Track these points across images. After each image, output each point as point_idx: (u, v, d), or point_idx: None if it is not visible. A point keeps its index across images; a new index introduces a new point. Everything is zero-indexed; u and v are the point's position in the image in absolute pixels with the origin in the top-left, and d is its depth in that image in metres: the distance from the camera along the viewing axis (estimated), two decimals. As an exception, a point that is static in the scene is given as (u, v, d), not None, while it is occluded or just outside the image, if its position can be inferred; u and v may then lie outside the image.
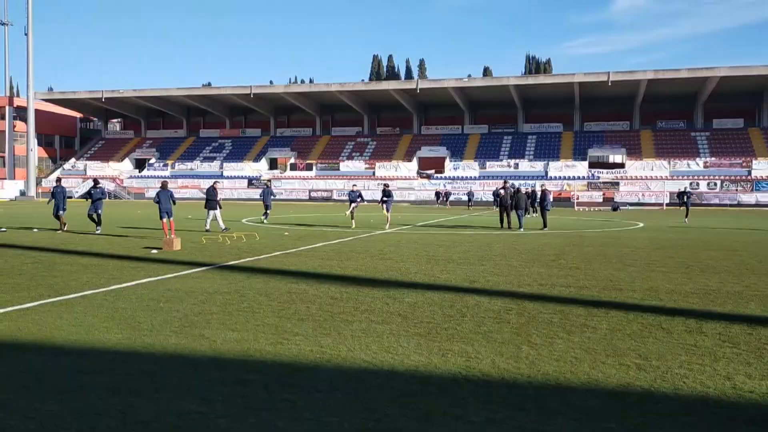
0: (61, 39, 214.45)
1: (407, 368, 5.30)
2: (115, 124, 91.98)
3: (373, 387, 4.81)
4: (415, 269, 11.63)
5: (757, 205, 55.51)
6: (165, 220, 17.38)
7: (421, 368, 5.29)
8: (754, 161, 60.37)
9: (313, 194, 67.17)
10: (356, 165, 71.29)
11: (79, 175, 74.62)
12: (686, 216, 28.74)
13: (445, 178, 66.59)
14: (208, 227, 20.65)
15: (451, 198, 58.85)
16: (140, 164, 79.56)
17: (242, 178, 71.37)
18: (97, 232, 19.58)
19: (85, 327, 6.69)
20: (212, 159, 76.86)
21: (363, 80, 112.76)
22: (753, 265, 12.42)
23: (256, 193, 56.60)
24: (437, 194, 58.98)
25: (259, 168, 73.88)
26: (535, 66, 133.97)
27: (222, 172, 72.57)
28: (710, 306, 8.18)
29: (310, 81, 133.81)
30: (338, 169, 71.04)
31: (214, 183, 22.33)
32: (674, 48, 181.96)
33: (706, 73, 60.90)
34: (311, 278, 10.36)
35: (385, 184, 24.95)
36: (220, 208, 21.16)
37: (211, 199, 20.96)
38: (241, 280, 10.04)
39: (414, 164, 70.15)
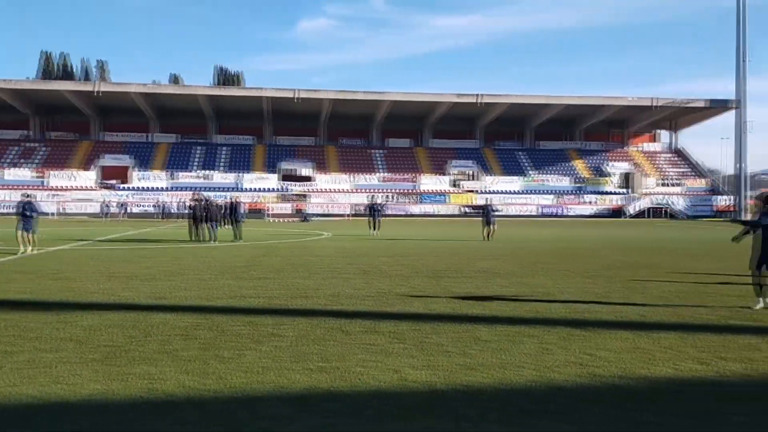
0: None
1: (82, 399, 4.80)
2: None
3: (42, 423, 4.25)
4: (94, 288, 10.66)
5: (423, 215, 63.47)
6: (21, 232, 17.20)
7: (98, 396, 4.85)
8: (420, 177, 69.05)
9: (-33, 206, 57.25)
10: (23, 173, 62.85)
11: None
12: (375, 228, 29.03)
13: (132, 189, 62.61)
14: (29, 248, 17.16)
15: (133, 209, 55.82)
16: None
17: None
18: None
19: None
20: None
21: (29, 78, 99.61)
22: (419, 268, 14.13)
23: None
24: (104, 207, 49.15)
25: None
26: (225, 78, 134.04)
27: None
28: (383, 307, 9.06)
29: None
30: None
31: (27, 195, 18.35)
32: (357, 71, 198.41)
33: (379, 96, 67.96)
34: (-40, 306, 8.78)
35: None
36: (34, 233, 17.40)
37: (28, 216, 17.27)
38: None
39: (94, 173, 64.50)
